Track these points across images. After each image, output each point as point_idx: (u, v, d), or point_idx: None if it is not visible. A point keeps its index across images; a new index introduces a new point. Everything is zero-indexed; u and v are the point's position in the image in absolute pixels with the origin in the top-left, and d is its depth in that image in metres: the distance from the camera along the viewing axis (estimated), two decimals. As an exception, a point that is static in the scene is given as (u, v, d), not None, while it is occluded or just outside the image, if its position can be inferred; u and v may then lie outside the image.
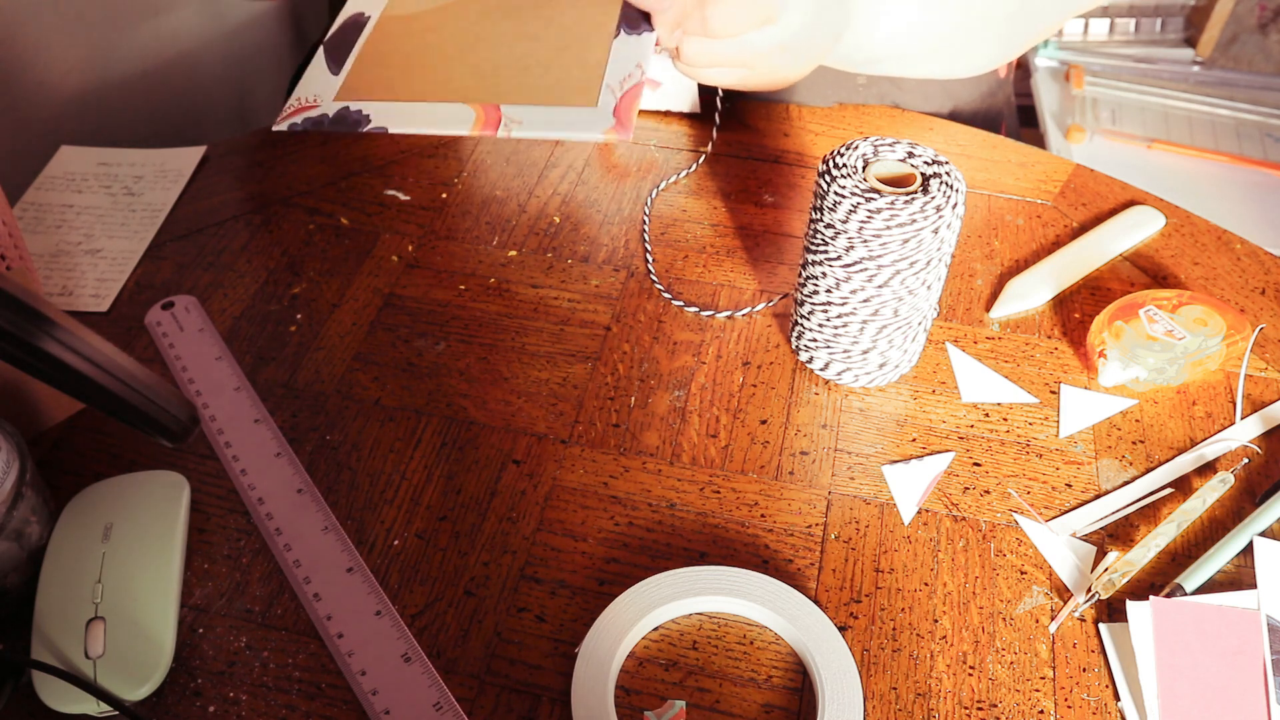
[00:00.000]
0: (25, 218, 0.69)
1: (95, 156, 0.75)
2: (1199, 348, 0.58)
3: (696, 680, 0.47)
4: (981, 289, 0.66)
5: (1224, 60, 1.61)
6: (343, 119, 0.66)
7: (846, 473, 0.56)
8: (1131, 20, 1.55)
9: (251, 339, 0.62)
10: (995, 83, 0.88)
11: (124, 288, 0.65)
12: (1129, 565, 0.50)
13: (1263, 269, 0.67)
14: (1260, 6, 1.57)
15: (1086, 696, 0.47)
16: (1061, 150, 1.34)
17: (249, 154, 0.75)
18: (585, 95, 0.63)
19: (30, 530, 0.49)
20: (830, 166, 0.53)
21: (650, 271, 0.66)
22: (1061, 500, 0.55)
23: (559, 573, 0.51)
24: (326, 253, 0.68)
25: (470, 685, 0.47)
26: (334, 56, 0.70)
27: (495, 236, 0.69)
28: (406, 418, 0.58)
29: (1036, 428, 0.58)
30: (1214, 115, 1.39)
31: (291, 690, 0.47)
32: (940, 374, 0.61)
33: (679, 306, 0.64)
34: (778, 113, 0.79)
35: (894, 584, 0.51)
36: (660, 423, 0.58)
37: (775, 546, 0.52)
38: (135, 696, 0.46)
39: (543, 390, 0.60)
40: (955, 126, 0.78)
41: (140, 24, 0.95)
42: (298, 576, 0.50)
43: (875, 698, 0.47)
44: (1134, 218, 0.69)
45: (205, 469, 0.55)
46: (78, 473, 0.55)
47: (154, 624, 0.47)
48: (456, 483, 0.55)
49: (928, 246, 0.52)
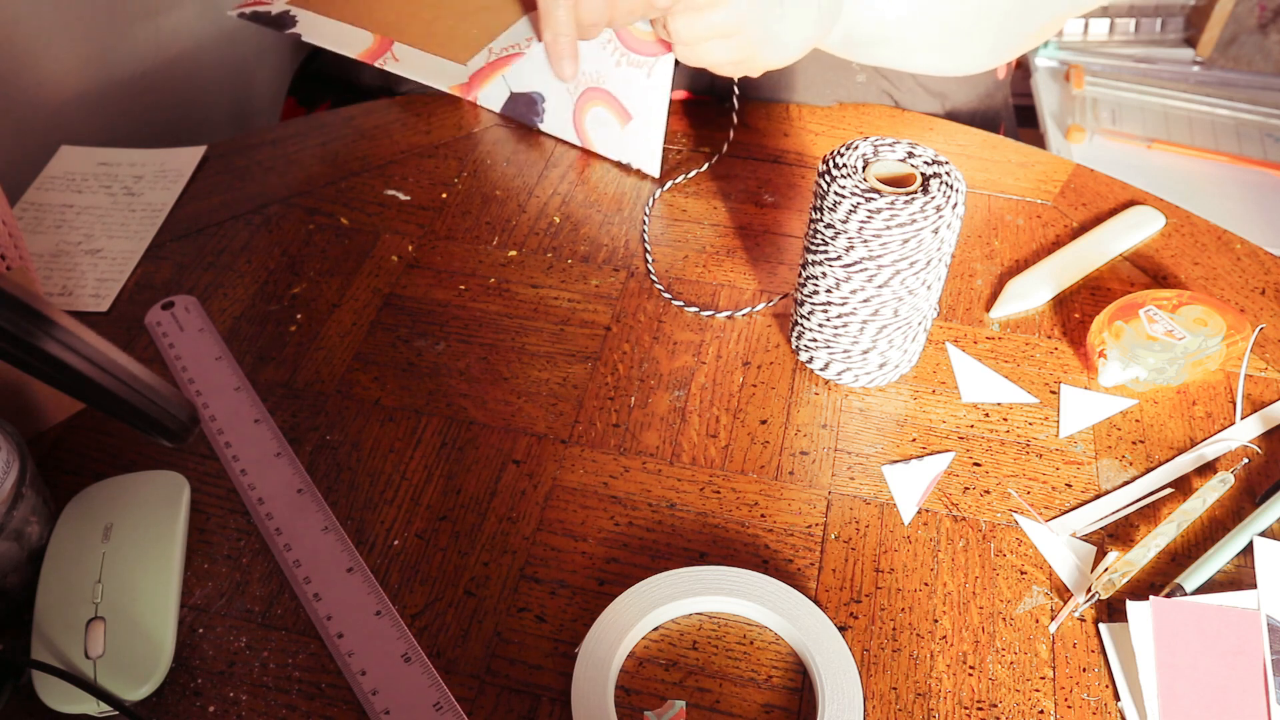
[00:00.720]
0: (25, 218, 0.69)
1: (95, 156, 0.75)
2: (1199, 348, 0.58)
3: (696, 680, 0.47)
4: (981, 289, 0.66)
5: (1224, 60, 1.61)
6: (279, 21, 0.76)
7: (846, 473, 0.56)
8: (1131, 20, 1.55)
9: (251, 339, 0.62)
10: (994, 84, 0.88)
11: (124, 288, 0.65)
12: (1129, 565, 0.50)
13: (1263, 269, 0.67)
14: (1260, 6, 1.57)
15: (1086, 696, 0.47)
16: (1061, 150, 1.34)
17: (249, 154, 0.75)
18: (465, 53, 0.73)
19: (30, 530, 0.49)
20: (830, 166, 0.53)
21: (650, 272, 0.66)
22: (1061, 500, 0.55)
23: (559, 573, 0.51)
24: (326, 253, 0.68)
25: (470, 685, 0.47)
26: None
27: (495, 236, 0.69)
28: (406, 418, 0.58)
29: (1036, 428, 0.58)
30: (1214, 115, 1.39)
31: (291, 690, 0.47)
32: (940, 374, 0.61)
33: (679, 306, 0.64)
34: (778, 113, 0.79)
35: (894, 584, 0.51)
36: (660, 423, 0.58)
37: (775, 546, 0.52)
38: (135, 696, 0.46)
39: (543, 390, 0.60)
40: (955, 126, 0.78)
41: (140, 24, 0.95)
42: (298, 576, 0.50)
43: (875, 698, 0.47)
44: (1134, 218, 0.69)
45: (205, 469, 0.55)
46: (78, 473, 0.55)
47: (154, 624, 0.47)
48: (456, 483, 0.55)
49: (928, 246, 0.52)
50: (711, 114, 0.78)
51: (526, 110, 0.76)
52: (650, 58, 0.68)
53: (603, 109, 0.72)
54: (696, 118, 0.78)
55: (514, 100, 0.77)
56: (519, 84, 0.76)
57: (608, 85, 0.71)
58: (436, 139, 0.76)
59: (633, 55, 0.69)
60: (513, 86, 0.76)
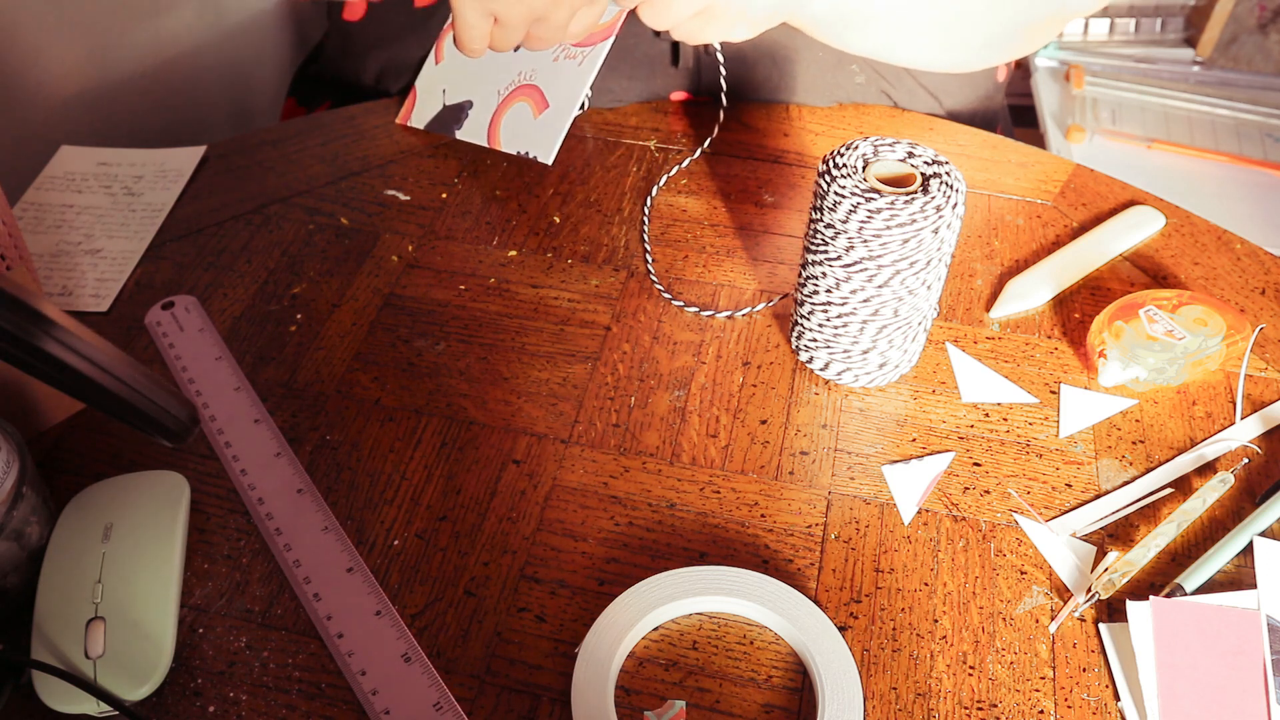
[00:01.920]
0: (25, 218, 0.69)
1: (95, 156, 0.75)
2: (1199, 348, 0.58)
3: (696, 680, 0.47)
4: (981, 289, 0.66)
5: (1224, 60, 1.61)
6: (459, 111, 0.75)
7: (846, 473, 0.56)
8: (1131, 20, 1.55)
9: (251, 339, 0.62)
10: (993, 86, 0.88)
11: (124, 288, 0.65)
12: (1129, 565, 0.50)
13: (1263, 269, 0.67)
14: (1260, 6, 1.57)
15: (1086, 696, 0.47)
16: (1061, 150, 1.34)
17: (249, 154, 0.75)
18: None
19: (30, 530, 0.49)
20: (830, 166, 0.53)
21: (650, 272, 0.66)
22: (1061, 500, 0.55)
23: (559, 573, 0.51)
24: (326, 253, 0.68)
25: (470, 685, 0.47)
26: None
27: (495, 236, 0.69)
28: (406, 418, 0.58)
29: (1036, 428, 0.58)
30: (1214, 115, 1.39)
31: (291, 690, 0.47)
32: (940, 374, 0.61)
33: (679, 306, 0.64)
34: (778, 113, 0.79)
35: (894, 584, 0.51)
36: (660, 423, 0.58)
37: (775, 546, 0.52)
38: (135, 696, 0.46)
39: (543, 390, 0.60)
40: (955, 126, 0.78)
41: (140, 24, 0.95)
42: (298, 576, 0.50)
43: (875, 698, 0.47)
44: (1134, 218, 0.69)
45: (205, 469, 0.55)
46: (78, 473, 0.55)
47: (154, 624, 0.47)
48: (456, 483, 0.55)
49: (928, 246, 0.52)
50: (711, 114, 0.78)
51: (450, 120, 0.75)
52: (586, 48, 0.68)
53: (525, 103, 0.71)
54: (695, 118, 0.78)
55: (443, 113, 0.76)
56: (453, 96, 0.75)
57: (539, 80, 0.70)
58: (436, 139, 0.76)
59: (571, 48, 0.68)
60: (447, 100, 0.75)
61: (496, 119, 0.73)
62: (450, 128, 0.75)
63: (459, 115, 0.75)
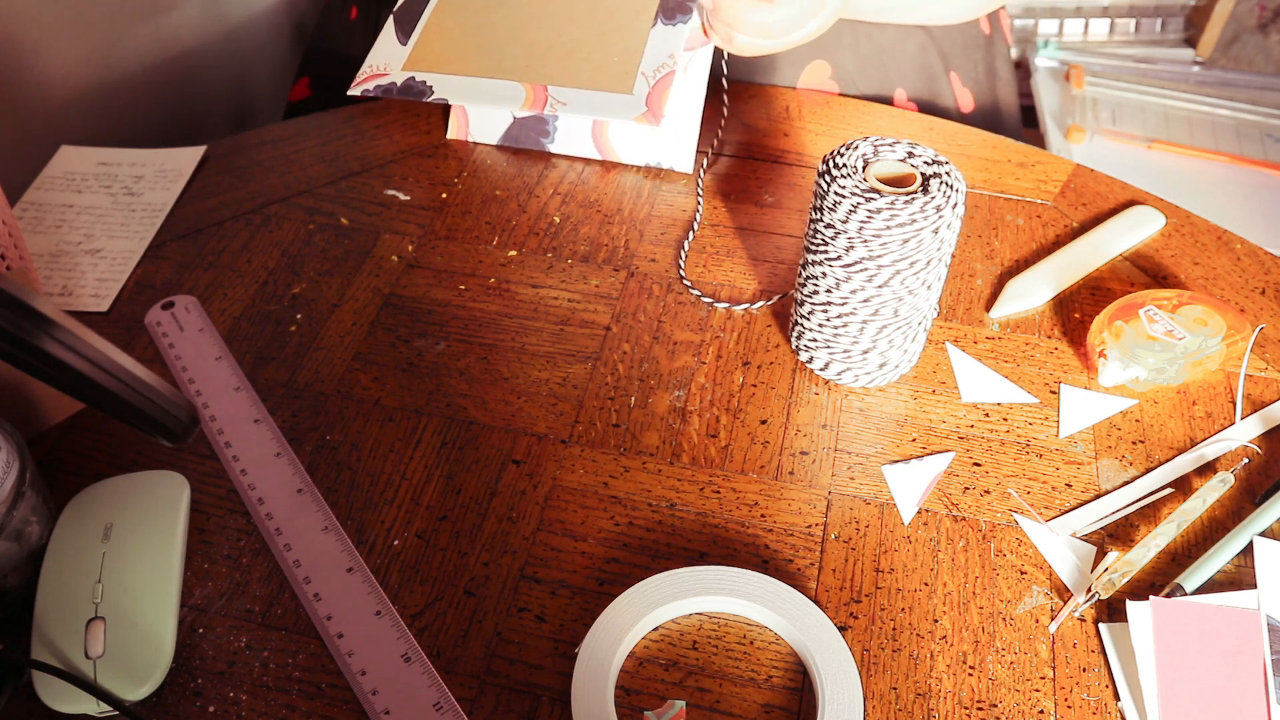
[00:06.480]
0: (25, 218, 0.69)
1: (95, 156, 0.75)
2: (1199, 348, 0.58)
3: (696, 680, 0.47)
4: (981, 289, 0.66)
5: (1224, 60, 1.61)
6: (409, 88, 0.73)
7: (846, 473, 0.56)
8: (1131, 20, 1.55)
9: (251, 339, 0.62)
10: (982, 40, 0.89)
11: (124, 288, 0.65)
12: (1129, 565, 0.50)
13: (1263, 269, 0.67)
14: (1260, 6, 1.57)
15: (1086, 696, 0.47)
16: (1061, 150, 1.34)
17: (249, 154, 0.75)
18: (622, 82, 0.70)
19: (30, 530, 0.49)
20: (830, 166, 0.53)
21: (681, 269, 0.66)
22: (1061, 500, 0.55)
23: (559, 573, 0.51)
24: (326, 253, 0.68)
25: (470, 685, 0.47)
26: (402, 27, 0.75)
27: (495, 236, 0.69)
28: (406, 418, 0.58)
29: (1036, 428, 0.58)
30: (1214, 115, 1.39)
31: (291, 690, 0.47)
32: (940, 374, 0.61)
33: (686, 287, 0.64)
34: (778, 113, 0.79)
35: (894, 584, 0.51)
36: (660, 423, 0.58)
37: (775, 546, 0.52)
38: (135, 696, 0.46)
39: (543, 390, 0.60)
40: (955, 126, 0.78)
41: (140, 24, 0.95)
42: (298, 576, 0.50)
43: (875, 698, 0.47)
44: (1134, 218, 0.69)
45: (205, 469, 0.55)
46: (78, 473, 0.55)
47: (154, 624, 0.47)
48: (456, 483, 0.55)
49: (928, 246, 0.52)
50: (712, 114, 0.78)
51: (534, 132, 0.74)
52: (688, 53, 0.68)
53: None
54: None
55: (517, 125, 0.74)
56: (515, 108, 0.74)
57: None
58: (436, 139, 0.76)
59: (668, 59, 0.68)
60: (516, 111, 0.74)
61: (600, 129, 0.73)
62: (537, 140, 0.74)
63: (544, 127, 0.74)
